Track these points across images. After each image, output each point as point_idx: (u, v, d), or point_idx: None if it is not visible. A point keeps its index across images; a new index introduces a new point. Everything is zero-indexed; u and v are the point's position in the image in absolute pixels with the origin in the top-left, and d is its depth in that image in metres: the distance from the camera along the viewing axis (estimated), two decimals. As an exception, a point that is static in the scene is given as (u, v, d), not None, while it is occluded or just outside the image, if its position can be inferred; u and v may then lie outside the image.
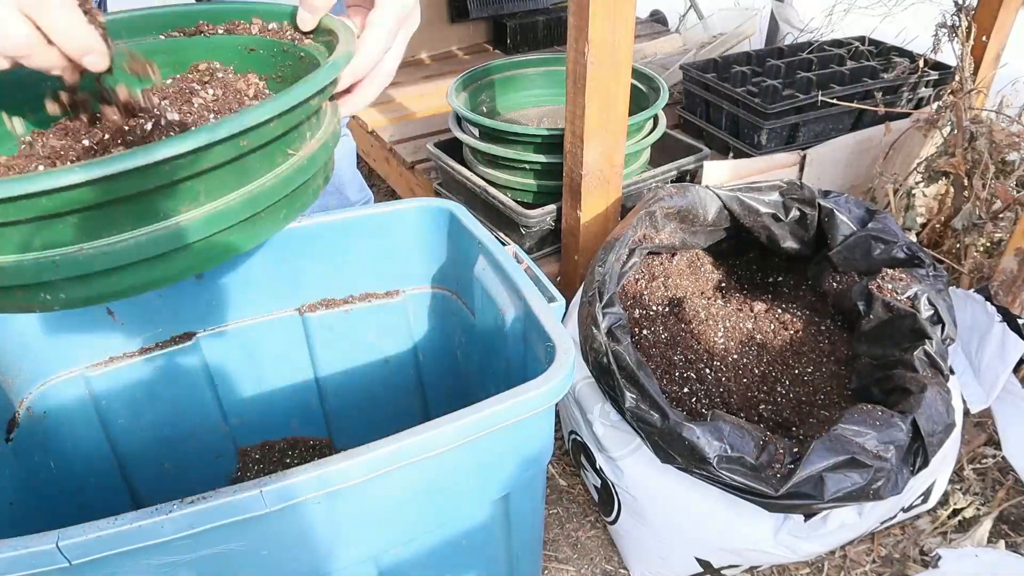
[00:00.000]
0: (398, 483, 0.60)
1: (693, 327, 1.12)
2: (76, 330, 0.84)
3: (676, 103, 1.66)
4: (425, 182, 1.49)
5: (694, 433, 0.81)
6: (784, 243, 1.12)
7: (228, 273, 0.89)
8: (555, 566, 1.05)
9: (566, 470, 1.19)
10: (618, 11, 0.96)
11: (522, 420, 0.62)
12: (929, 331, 0.93)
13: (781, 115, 1.38)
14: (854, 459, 0.78)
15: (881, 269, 1.02)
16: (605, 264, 0.98)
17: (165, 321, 0.88)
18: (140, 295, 0.83)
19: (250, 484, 0.53)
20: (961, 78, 1.30)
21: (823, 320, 1.13)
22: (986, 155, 1.21)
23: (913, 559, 1.03)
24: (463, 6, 2.09)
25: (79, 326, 0.83)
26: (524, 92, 1.55)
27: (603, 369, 0.90)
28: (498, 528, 0.74)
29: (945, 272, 1.00)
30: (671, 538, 0.93)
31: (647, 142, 1.26)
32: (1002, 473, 1.11)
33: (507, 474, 0.68)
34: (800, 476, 0.78)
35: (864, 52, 1.61)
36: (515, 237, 1.25)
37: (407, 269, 0.96)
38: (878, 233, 1.04)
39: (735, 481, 0.80)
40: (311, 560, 0.61)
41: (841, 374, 1.06)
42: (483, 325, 0.86)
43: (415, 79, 1.98)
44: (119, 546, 0.51)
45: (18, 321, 0.80)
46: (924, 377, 0.90)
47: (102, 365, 0.86)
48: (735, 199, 1.09)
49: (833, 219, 1.07)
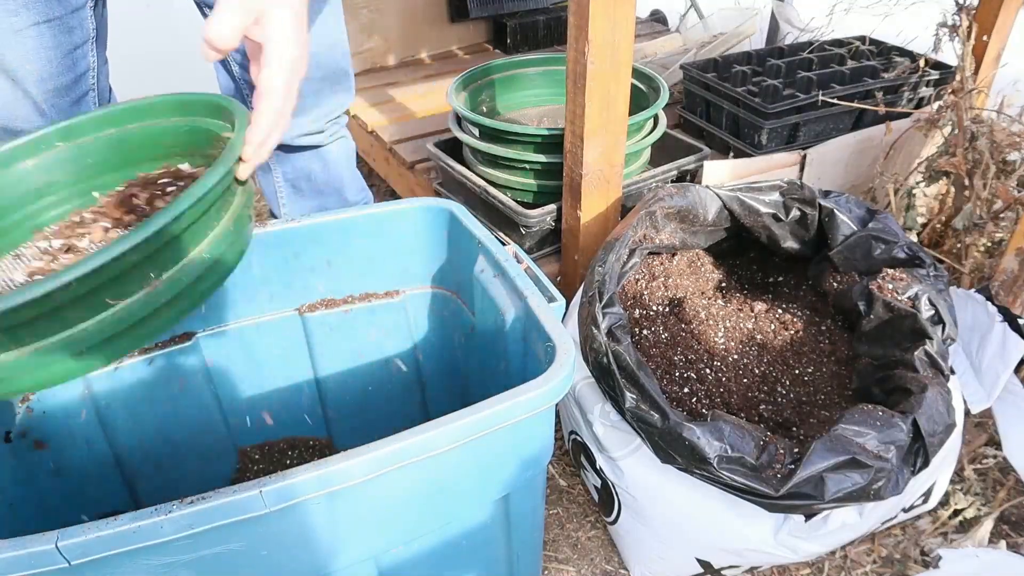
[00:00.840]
0: (398, 483, 0.60)
1: (693, 327, 1.12)
2: (76, 330, 0.83)
3: (676, 103, 1.66)
4: (425, 182, 1.49)
5: (694, 433, 0.81)
6: (784, 243, 1.12)
7: (228, 273, 0.89)
8: (555, 566, 1.05)
9: (566, 470, 1.19)
10: (618, 11, 0.96)
11: (522, 420, 0.62)
12: (930, 331, 0.93)
13: (781, 115, 1.37)
14: (855, 459, 0.78)
15: (882, 269, 1.02)
16: (605, 264, 0.98)
17: (165, 321, 0.88)
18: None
19: (250, 484, 0.53)
20: (962, 78, 1.29)
21: (823, 320, 1.13)
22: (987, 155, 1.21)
23: (914, 559, 1.03)
24: (463, 6, 2.09)
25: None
26: (524, 92, 1.54)
27: (603, 369, 0.90)
28: (498, 528, 0.74)
29: (946, 272, 1.00)
30: (671, 538, 0.93)
31: (647, 142, 1.26)
32: (1003, 473, 1.11)
33: (507, 474, 0.68)
34: (801, 476, 0.78)
35: (865, 52, 1.61)
36: (515, 237, 1.25)
37: (407, 269, 0.96)
38: (879, 233, 1.04)
39: (735, 481, 0.80)
40: (311, 560, 0.61)
41: (842, 374, 1.06)
42: (483, 325, 0.86)
43: (415, 79, 1.98)
44: (118, 546, 0.51)
45: (18, 321, 0.79)
46: (925, 377, 0.90)
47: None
48: (735, 199, 1.09)
49: (834, 219, 1.06)
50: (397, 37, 2.06)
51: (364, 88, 1.93)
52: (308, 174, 1.11)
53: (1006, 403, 1.04)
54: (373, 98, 1.86)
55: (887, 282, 1.00)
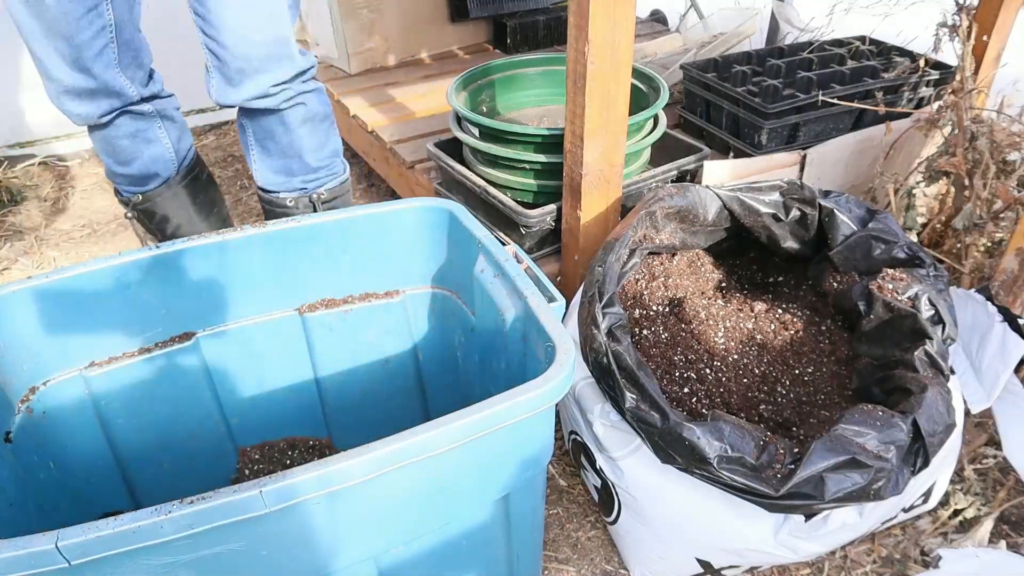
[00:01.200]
0: (398, 483, 0.60)
1: (693, 327, 1.12)
2: (76, 330, 0.83)
3: (676, 103, 1.66)
4: (425, 182, 1.49)
5: (694, 433, 0.81)
6: (784, 243, 1.12)
7: (228, 273, 0.89)
8: (555, 566, 1.05)
9: (566, 470, 1.19)
10: (618, 11, 0.96)
11: (522, 420, 0.62)
12: (930, 331, 0.93)
13: (781, 115, 1.37)
14: (855, 459, 0.78)
15: (881, 269, 1.02)
16: (605, 264, 0.98)
17: (165, 321, 0.88)
18: (139, 296, 0.83)
19: (250, 484, 0.53)
20: (962, 78, 1.29)
21: (823, 320, 1.13)
22: (987, 155, 1.21)
23: (914, 559, 1.03)
24: (463, 6, 2.09)
25: (79, 326, 0.83)
26: (524, 92, 1.54)
27: (603, 369, 0.90)
28: (498, 528, 0.74)
29: (946, 272, 1.00)
30: (671, 538, 0.93)
31: (647, 142, 1.26)
32: (1003, 473, 1.11)
33: (507, 474, 0.68)
34: (800, 476, 0.78)
35: (865, 52, 1.61)
36: (515, 237, 1.25)
37: (407, 269, 0.96)
38: (879, 233, 1.04)
39: (735, 481, 0.80)
40: (311, 560, 0.61)
41: (842, 374, 1.06)
42: (483, 325, 0.86)
43: (415, 79, 1.98)
44: (118, 546, 0.51)
45: (18, 321, 0.80)
46: (925, 377, 0.90)
47: (102, 365, 0.86)
48: (735, 199, 1.09)
49: (833, 219, 1.07)
50: (397, 37, 2.06)
51: (364, 88, 1.93)
52: (272, 135, 1.18)
53: (1006, 403, 1.04)
54: (373, 98, 1.86)
55: (887, 282, 1.00)
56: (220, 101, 1.12)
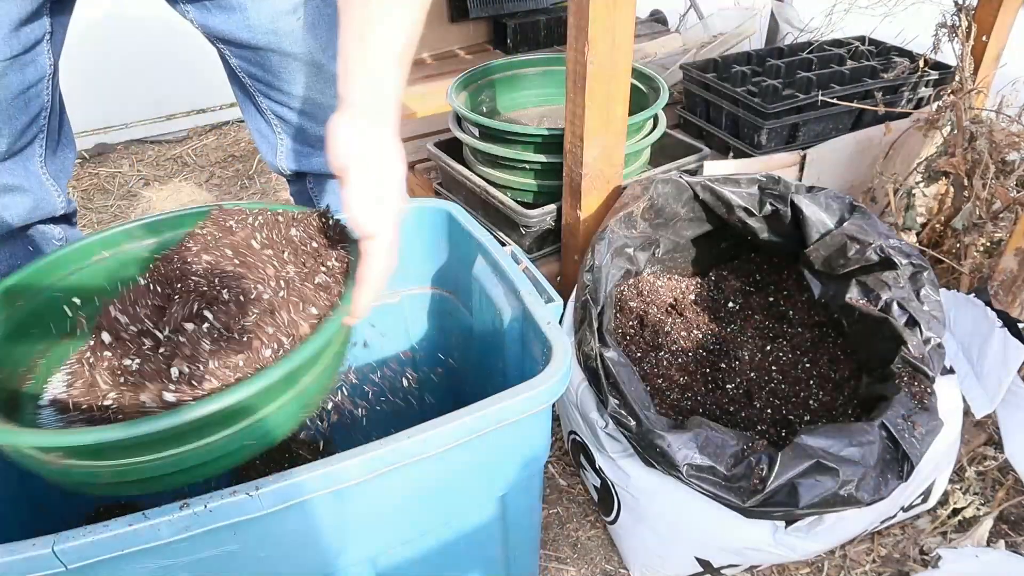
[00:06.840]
0: (395, 484, 0.60)
1: (684, 330, 1.12)
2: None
3: (676, 103, 1.66)
4: (425, 182, 1.49)
5: (665, 440, 0.81)
6: (762, 236, 1.08)
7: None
8: (555, 566, 1.05)
9: (566, 470, 1.19)
10: (618, 11, 0.96)
11: (519, 420, 0.62)
12: (905, 336, 0.91)
13: (781, 115, 1.37)
14: (820, 463, 0.78)
15: (856, 271, 1.00)
16: (593, 268, 0.97)
17: (164, 322, 0.88)
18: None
19: (247, 485, 0.53)
20: (961, 78, 1.29)
21: (815, 323, 1.12)
22: (986, 155, 1.20)
23: (913, 559, 1.03)
24: (463, 6, 2.09)
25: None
26: (524, 92, 1.54)
27: (593, 373, 0.90)
28: (496, 527, 0.74)
29: (928, 265, 0.96)
30: (671, 537, 0.93)
31: (647, 142, 1.26)
32: (1002, 473, 1.11)
33: (505, 474, 0.68)
34: (772, 487, 0.78)
35: (864, 52, 1.61)
36: (515, 237, 1.25)
37: (405, 270, 0.96)
38: (853, 233, 0.99)
39: (705, 490, 0.81)
40: (310, 561, 0.61)
41: (833, 377, 1.05)
42: (481, 326, 0.86)
43: (415, 79, 1.98)
44: (116, 550, 0.51)
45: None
46: (901, 381, 0.89)
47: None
48: (707, 188, 1.05)
49: (805, 216, 1.02)
50: (397, 37, 2.05)
51: (364, 88, 1.92)
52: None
53: (1008, 403, 1.04)
54: (373, 98, 1.86)
55: (858, 291, 0.98)
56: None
